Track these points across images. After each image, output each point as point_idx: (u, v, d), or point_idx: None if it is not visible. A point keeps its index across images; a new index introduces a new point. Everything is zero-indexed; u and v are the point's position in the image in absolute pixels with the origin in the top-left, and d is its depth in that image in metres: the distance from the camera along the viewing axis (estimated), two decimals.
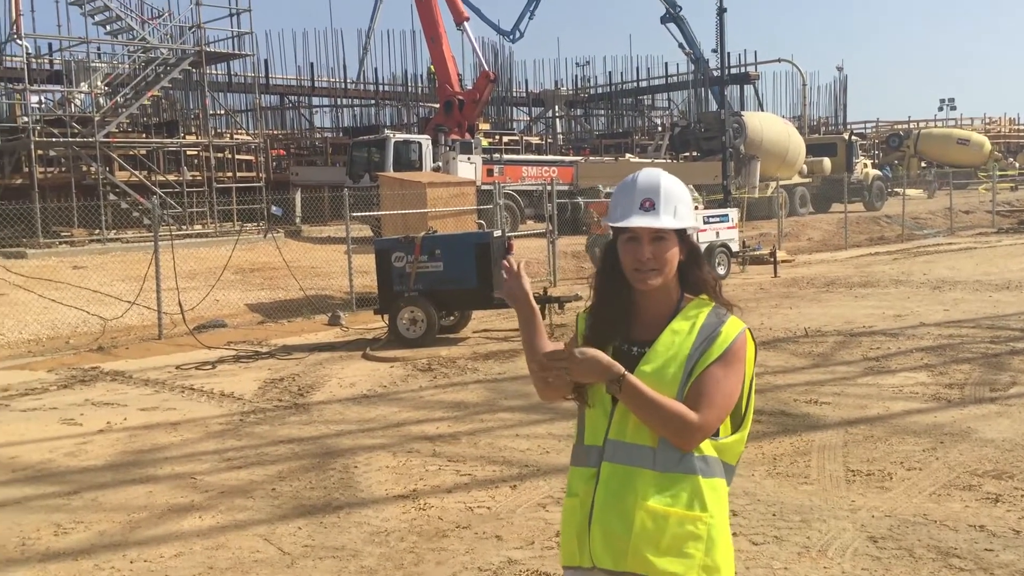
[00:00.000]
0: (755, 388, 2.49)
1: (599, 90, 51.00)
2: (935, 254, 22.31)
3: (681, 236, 2.43)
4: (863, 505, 5.41)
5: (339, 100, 42.92)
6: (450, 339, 12.44)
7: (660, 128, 43.46)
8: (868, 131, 55.94)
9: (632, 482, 2.31)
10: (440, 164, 25.33)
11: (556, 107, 48.79)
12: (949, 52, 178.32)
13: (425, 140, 26.16)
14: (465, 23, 31.83)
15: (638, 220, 2.38)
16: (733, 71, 43.44)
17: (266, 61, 38.85)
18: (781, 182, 30.50)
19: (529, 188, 26.28)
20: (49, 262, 18.57)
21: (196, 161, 26.90)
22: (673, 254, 2.41)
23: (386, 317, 12.46)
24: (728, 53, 28.01)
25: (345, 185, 22.52)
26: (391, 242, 12.87)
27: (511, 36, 46.50)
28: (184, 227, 23.31)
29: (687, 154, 35.46)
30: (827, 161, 36.08)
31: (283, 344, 12.80)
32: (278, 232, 22.10)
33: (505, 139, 37.24)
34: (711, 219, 19.39)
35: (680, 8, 43.34)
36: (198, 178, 25.65)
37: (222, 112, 33.07)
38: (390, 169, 23.80)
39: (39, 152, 22.30)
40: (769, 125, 34.42)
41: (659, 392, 2.30)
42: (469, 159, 25.79)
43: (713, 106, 40.91)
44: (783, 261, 20.69)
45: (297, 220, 25.24)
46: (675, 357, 2.36)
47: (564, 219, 22.86)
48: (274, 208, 21.15)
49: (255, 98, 31.34)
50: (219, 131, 31.50)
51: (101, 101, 24.65)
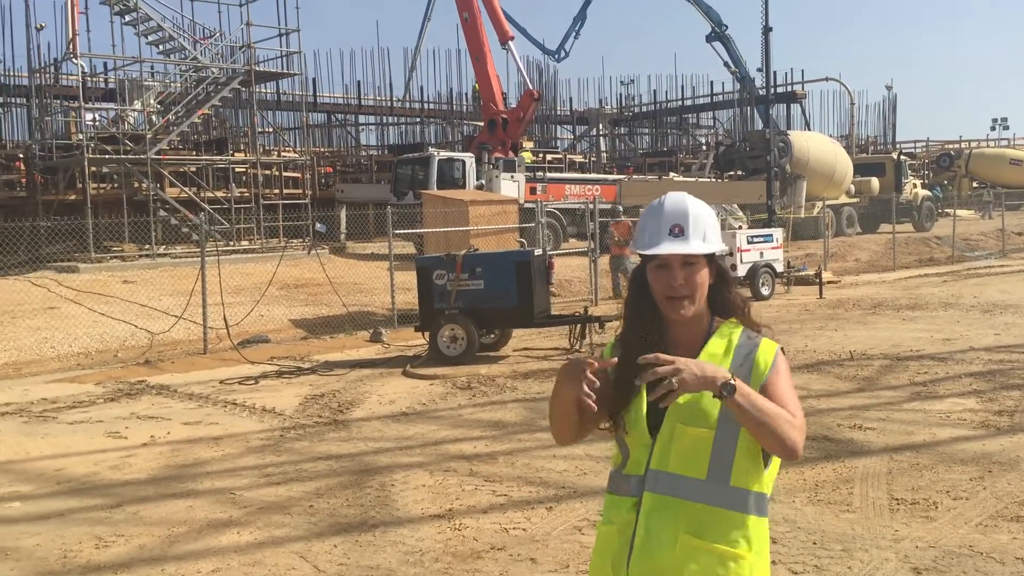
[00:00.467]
0: None
1: (643, 108, 50.90)
2: (986, 276, 21.86)
3: (710, 259, 2.41)
4: (907, 535, 5.29)
5: (385, 118, 43.34)
6: (490, 357, 12.45)
7: (705, 147, 43.27)
8: (918, 151, 55.12)
9: (676, 514, 2.27)
10: (483, 182, 25.42)
11: (600, 125, 48.77)
12: (1002, 70, 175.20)
13: (469, 158, 26.27)
14: (510, 42, 31.96)
15: (668, 247, 2.35)
16: (779, 90, 43.20)
17: (314, 80, 39.42)
18: (828, 202, 30.19)
19: (572, 206, 26.26)
20: (100, 276, 18.95)
21: (244, 178, 27.32)
22: (704, 277, 2.38)
23: (426, 334, 12.51)
24: (774, 72, 27.93)
25: (389, 202, 22.74)
26: (432, 259, 12.93)
27: (556, 55, 46.71)
28: (231, 243, 23.65)
29: (732, 173, 35.23)
30: (875, 181, 35.61)
31: (325, 360, 12.90)
32: (323, 248, 22.33)
33: (549, 157, 37.29)
34: (755, 239, 19.23)
35: (726, 27, 43.21)
36: (246, 195, 26.04)
37: (270, 130, 33.57)
38: (434, 187, 23.94)
39: (92, 169, 22.79)
40: (816, 144, 34.09)
41: (699, 415, 2.26)
42: (512, 177, 25.85)
43: (759, 125, 40.61)
44: (829, 282, 20.42)
45: (342, 236, 25.49)
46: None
47: (607, 238, 22.78)
48: (318, 225, 21.39)
49: (303, 116, 31.78)
50: (267, 148, 31.97)
51: (153, 119, 25.15)
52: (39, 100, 25.43)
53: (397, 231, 17.26)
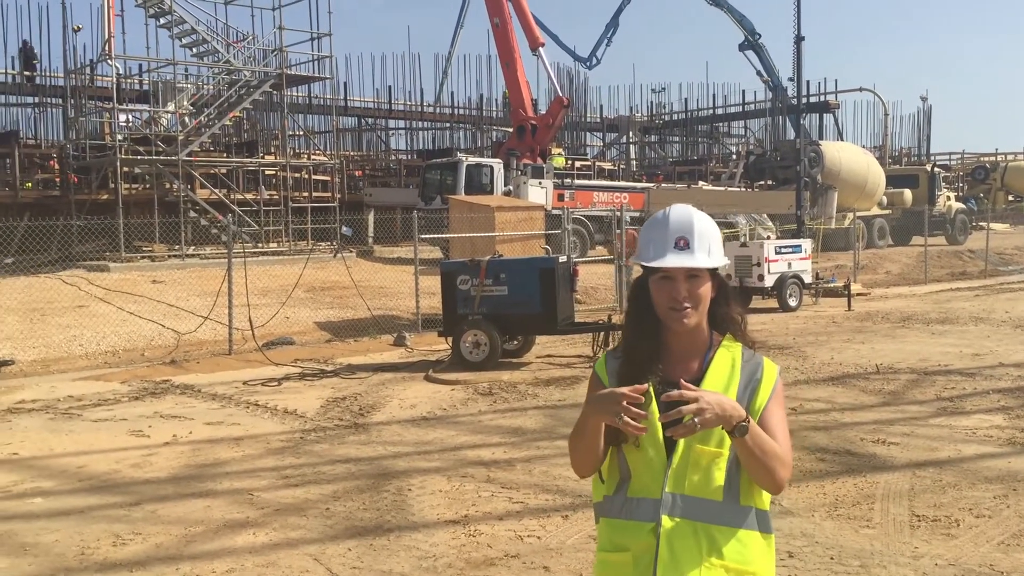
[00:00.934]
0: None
1: (674, 116, 50.75)
2: (1019, 291, 21.52)
3: (713, 273, 2.39)
4: (926, 552, 5.21)
5: (415, 123, 43.56)
6: (512, 363, 12.43)
7: (735, 156, 43.02)
8: (953, 163, 54.49)
9: (698, 538, 2.26)
10: (511, 188, 25.45)
11: (630, 133, 48.68)
12: None
13: (497, 164, 26.31)
14: (541, 49, 32.02)
15: (674, 260, 2.34)
16: (813, 100, 42.87)
17: (345, 84, 39.73)
18: (859, 213, 29.88)
19: (600, 214, 26.21)
20: (130, 276, 19.17)
21: (273, 180, 27.54)
22: (707, 291, 2.37)
23: (450, 339, 12.52)
24: (807, 81, 27.71)
25: (417, 207, 22.80)
26: (457, 265, 12.94)
27: (588, 63, 46.71)
28: (259, 245, 23.84)
29: (762, 183, 34.99)
30: (908, 193, 35.24)
31: (348, 363, 12.95)
32: (350, 252, 22.44)
33: (578, 164, 37.27)
34: (783, 249, 19.07)
35: (759, 36, 43.01)
36: (275, 197, 26.25)
37: (300, 133, 33.83)
38: (462, 192, 24.00)
39: (125, 169, 23.07)
40: (848, 155, 33.78)
41: (714, 435, 2.27)
42: (540, 183, 25.86)
43: (791, 134, 40.34)
44: (858, 294, 20.20)
45: (369, 240, 25.60)
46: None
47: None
48: (344, 228, 21.52)
49: (333, 120, 32.03)
50: (297, 151, 32.22)
51: (186, 121, 25.45)
52: (74, 100, 25.82)
53: (423, 235, 17.31)
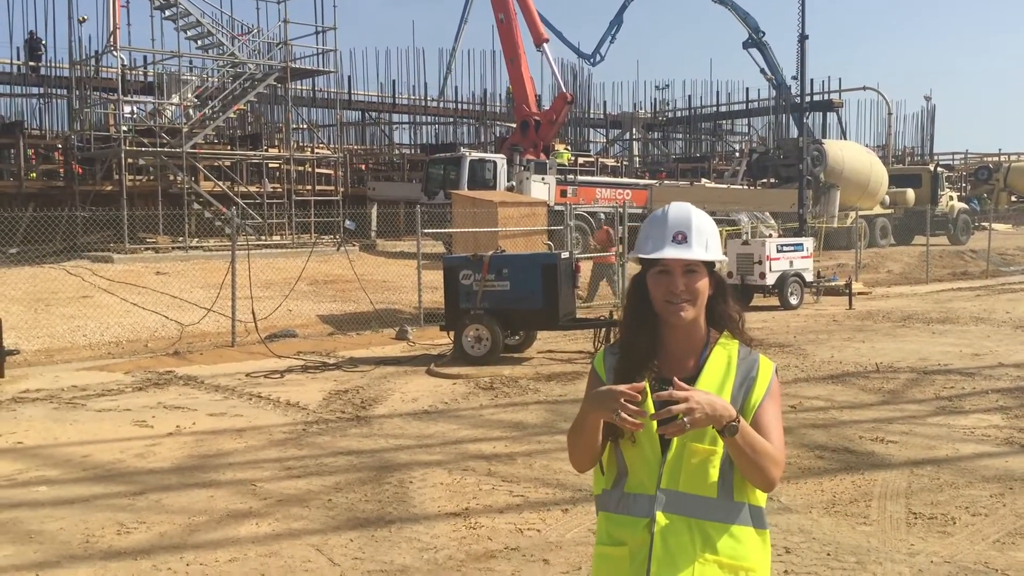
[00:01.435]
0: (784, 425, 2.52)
1: (678, 114, 50.77)
2: (1020, 292, 21.55)
3: (710, 270, 2.44)
4: (922, 550, 5.26)
5: (418, 117, 43.58)
6: (514, 358, 12.49)
7: (738, 153, 43.03)
8: (956, 163, 54.47)
9: (692, 534, 2.30)
10: (514, 183, 25.48)
11: (634, 129, 48.68)
12: None
13: (500, 159, 26.35)
14: (545, 45, 32.00)
15: (671, 252, 2.38)
16: (816, 98, 42.84)
17: (349, 78, 39.72)
18: (861, 212, 29.91)
19: (602, 210, 26.23)
20: (134, 267, 19.23)
21: (277, 174, 27.59)
22: (704, 286, 2.41)
23: (451, 334, 12.58)
24: (811, 80, 27.70)
25: (420, 201, 22.85)
26: (459, 260, 12.99)
27: (592, 59, 46.65)
28: (263, 237, 23.91)
29: (765, 181, 35.00)
30: (911, 192, 35.26)
31: (350, 356, 13.01)
32: (353, 246, 22.49)
33: (581, 160, 37.29)
34: (785, 247, 19.11)
35: (763, 33, 42.97)
36: (278, 190, 26.30)
37: (304, 126, 33.86)
38: (465, 187, 24.03)
39: (129, 160, 23.12)
40: (851, 154, 33.80)
41: (707, 433, 2.30)
42: (543, 179, 25.89)
43: (794, 133, 40.33)
44: (859, 293, 20.25)
45: (372, 234, 25.65)
46: (720, 395, 2.34)
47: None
48: (347, 222, 21.54)
49: (337, 113, 32.05)
50: (301, 145, 32.26)
51: (190, 113, 25.49)
52: (79, 92, 25.88)
53: (426, 230, 17.36)
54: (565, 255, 13.40)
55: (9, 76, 31.53)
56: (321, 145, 33.34)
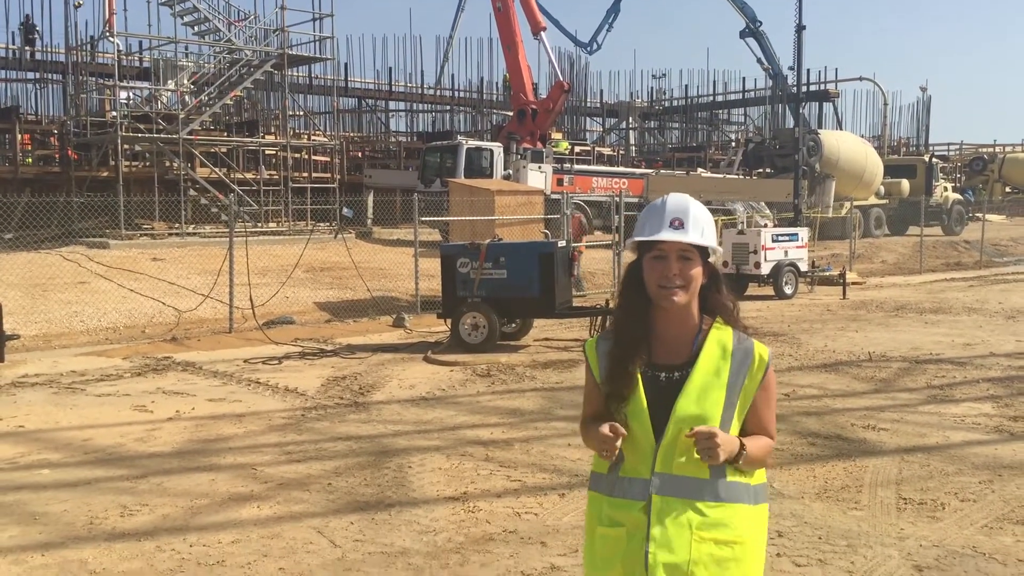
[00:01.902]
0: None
1: (674, 103, 50.77)
2: (1013, 283, 21.70)
3: (704, 259, 2.50)
4: (912, 534, 5.37)
5: (415, 105, 43.53)
6: (511, 346, 12.58)
7: (734, 143, 43.06)
8: (951, 153, 54.56)
9: (686, 513, 2.40)
10: (511, 172, 25.53)
11: (630, 118, 48.68)
12: None
13: (497, 147, 26.38)
14: (542, 33, 32.03)
15: (667, 235, 2.45)
16: (813, 88, 42.92)
17: (346, 65, 39.64)
18: (856, 202, 30.02)
19: (599, 199, 26.32)
20: (130, 253, 19.27)
21: (274, 160, 27.61)
22: (698, 272, 2.48)
23: (448, 321, 12.66)
24: (808, 70, 27.75)
25: (416, 189, 22.88)
26: (457, 248, 13.06)
27: (589, 48, 46.63)
28: (259, 224, 23.93)
29: (760, 171, 35.07)
30: (905, 183, 35.37)
31: (348, 343, 13.09)
32: (349, 233, 22.55)
33: (577, 149, 37.32)
34: (780, 237, 19.21)
35: (760, 23, 42.95)
36: (275, 177, 26.32)
37: (301, 113, 33.83)
38: (461, 175, 24.08)
39: (125, 146, 23.14)
40: (846, 144, 33.88)
41: (700, 420, 2.40)
42: (540, 168, 25.95)
43: (790, 122, 40.38)
44: (853, 283, 20.36)
45: (368, 222, 25.70)
46: (715, 384, 2.44)
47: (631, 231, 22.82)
48: (345, 209, 21.62)
49: (334, 100, 32.04)
50: (297, 132, 32.25)
51: (186, 99, 25.48)
52: (75, 77, 25.84)
53: (423, 218, 17.41)
54: (562, 244, 13.47)
55: (5, 61, 31.47)
56: (317, 132, 33.32)
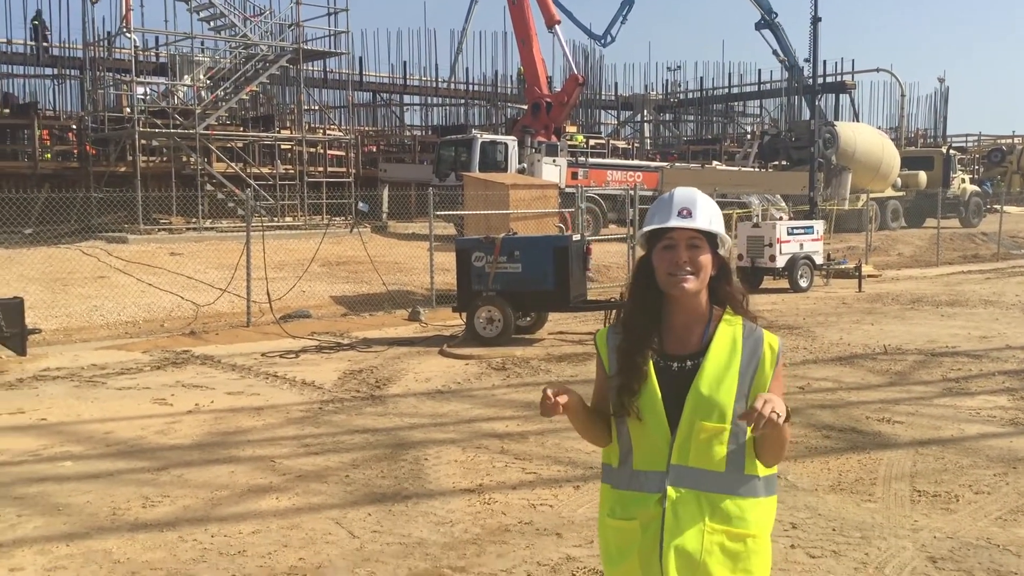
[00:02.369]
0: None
1: (689, 95, 50.61)
2: None
3: (713, 250, 2.53)
4: (926, 526, 5.39)
5: (430, 99, 43.59)
6: (525, 339, 12.63)
7: (750, 136, 42.91)
8: (969, 145, 54.14)
9: (701, 506, 2.43)
10: (525, 166, 25.55)
11: (645, 111, 48.58)
12: None
13: (511, 141, 26.40)
14: (557, 26, 31.96)
15: (676, 222, 2.49)
16: (829, 80, 42.65)
17: (361, 59, 39.75)
18: (873, 195, 29.87)
19: (613, 192, 26.31)
20: (148, 248, 19.43)
21: (289, 155, 27.73)
22: (707, 260, 2.50)
23: (464, 315, 12.72)
24: (824, 62, 27.62)
25: (431, 183, 22.94)
26: (472, 242, 13.12)
27: (603, 40, 46.49)
28: (275, 219, 24.06)
29: (776, 163, 34.95)
30: (923, 175, 35.17)
31: (364, 337, 13.18)
32: (364, 227, 22.64)
33: (592, 142, 37.29)
34: (795, 230, 19.17)
35: (776, 15, 42.69)
36: (291, 171, 26.45)
37: (316, 108, 33.95)
38: (476, 169, 24.12)
39: (142, 141, 23.30)
40: (863, 136, 33.72)
41: (715, 411, 2.43)
42: (554, 161, 25.96)
43: (806, 114, 40.17)
44: (869, 276, 20.31)
45: (384, 216, 25.79)
46: (727, 373, 2.47)
47: None
48: (360, 204, 21.70)
49: (349, 95, 32.13)
50: (313, 126, 32.36)
51: (203, 94, 25.63)
52: (92, 73, 26.00)
53: (438, 212, 17.48)
54: (577, 237, 13.51)
55: (23, 57, 31.70)
56: (333, 126, 33.43)
